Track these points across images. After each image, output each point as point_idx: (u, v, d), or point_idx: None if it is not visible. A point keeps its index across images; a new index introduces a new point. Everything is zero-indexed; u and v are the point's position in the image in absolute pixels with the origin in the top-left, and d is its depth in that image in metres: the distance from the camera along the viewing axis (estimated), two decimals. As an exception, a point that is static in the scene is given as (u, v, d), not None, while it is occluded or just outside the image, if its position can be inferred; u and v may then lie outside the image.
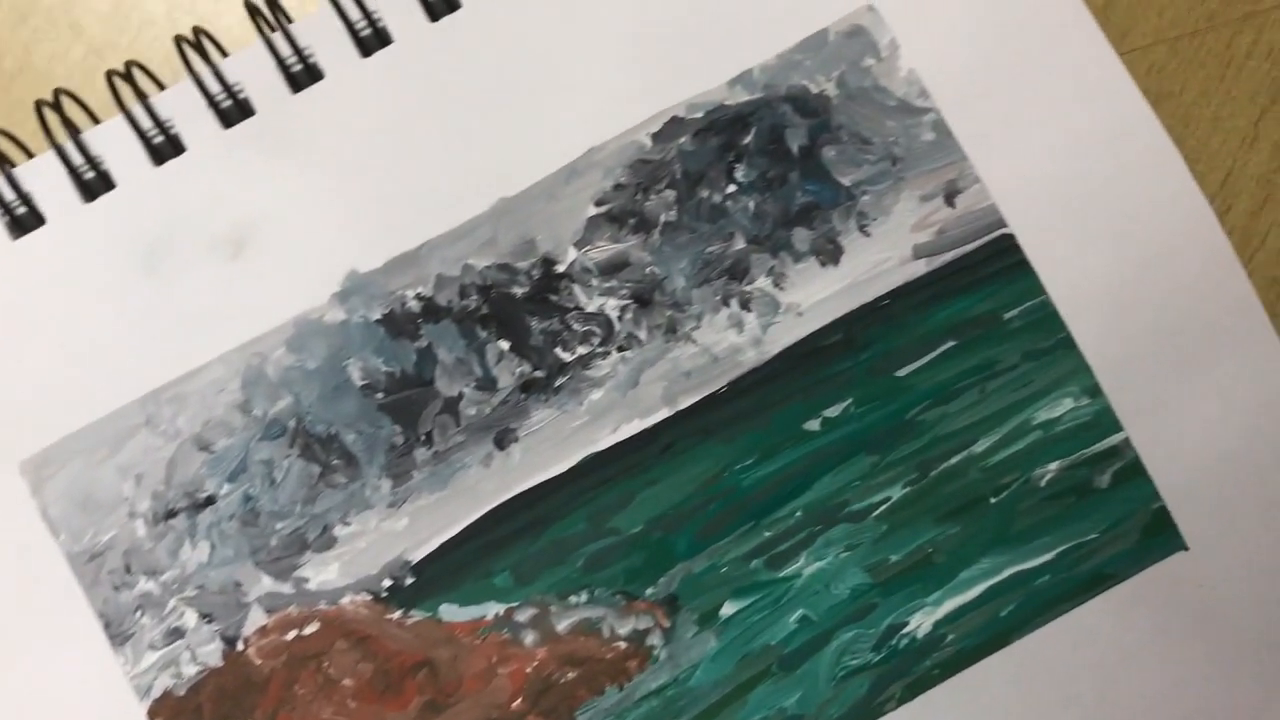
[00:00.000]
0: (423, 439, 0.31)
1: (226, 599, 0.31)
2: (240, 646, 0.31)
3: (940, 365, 0.32)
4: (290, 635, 0.31)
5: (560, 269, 0.32)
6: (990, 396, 0.32)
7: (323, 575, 0.31)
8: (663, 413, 0.31)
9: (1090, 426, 0.32)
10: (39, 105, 0.31)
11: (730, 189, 0.32)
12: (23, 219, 0.31)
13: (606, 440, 0.31)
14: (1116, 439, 0.32)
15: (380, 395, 0.31)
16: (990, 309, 0.32)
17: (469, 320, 0.31)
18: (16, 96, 0.34)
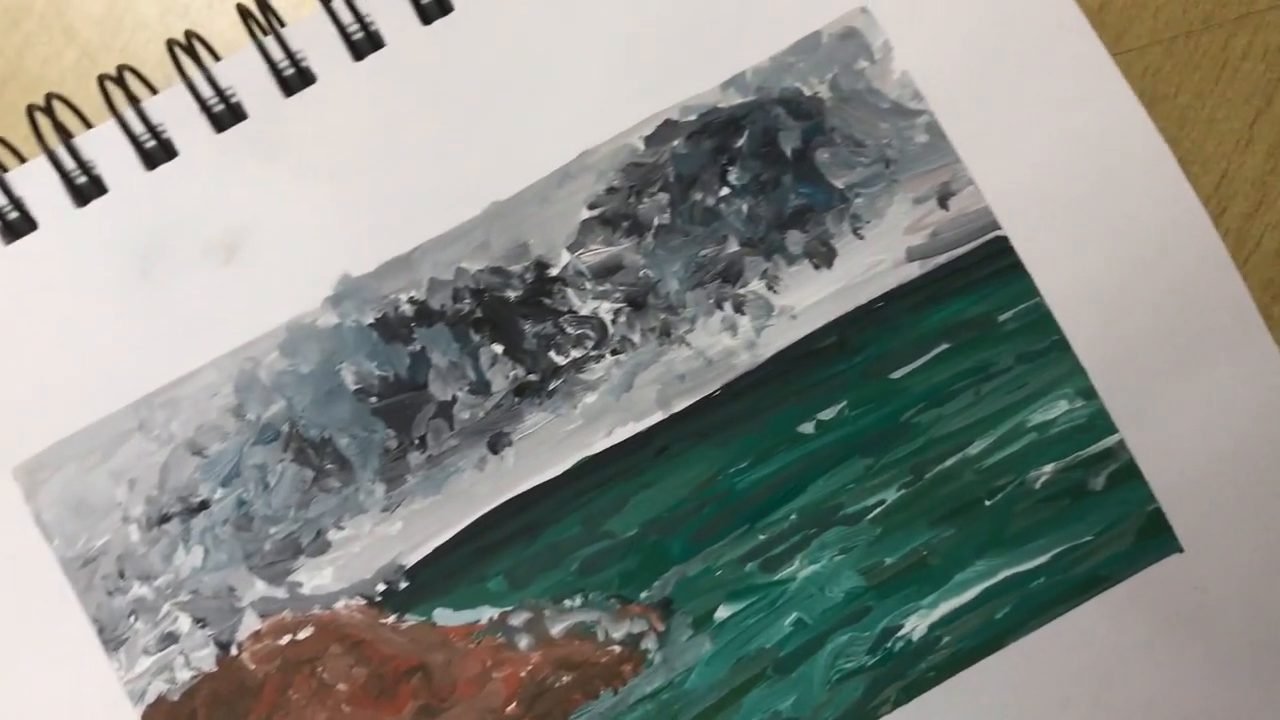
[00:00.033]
0: (416, 443, 0.31)
1: (220, 604, 0.31)
2: (234, 651, 0.30)
3: (934, 368, 0.32)
4: (284, 640, 0.31)
5: (553, 272, 0.31)
6: (985, 399, 0.32)
7: (317, 580, 0.31)
8: (657, 416, 0.31)
9: (1085, 429, 0.31)
10: (31, 110, 0.31)
11: (723, 192, 0.32)
12: (15, 224, 0.31)
13: (600, 444, 0.31)
14: (1111, 441, 0.31)
15: (374, 399, 0.31)
16: (984, 311, 0.32)
17: (462, 324, 0.31)
18: (9, 101, 0.34)
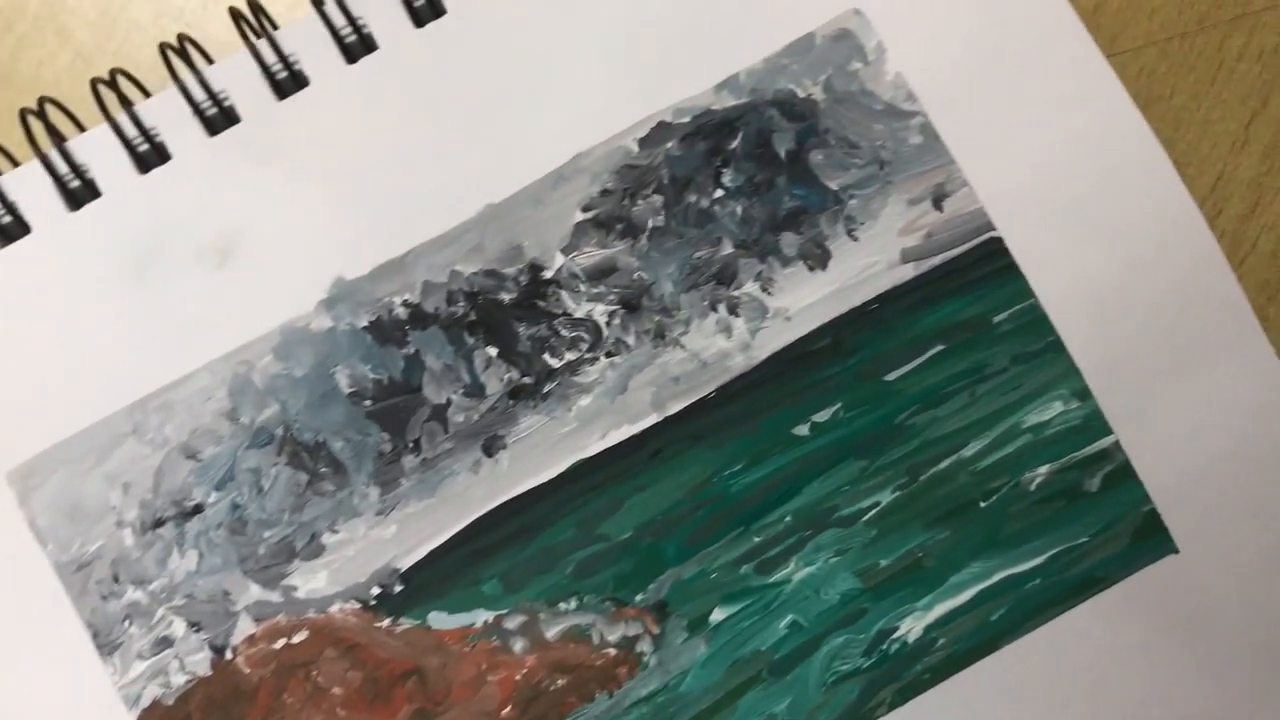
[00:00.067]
0: (411, 446, 0.31)
1: (215, 608, 0.31)
2: (229, 655, 0.30)
3: (929, 369, 0.32)
4: (279, 644, 0.30)
5: (548, 275, 0.31)
6: (979, 400, 0.32)
7: (311, 583, 0.31)
8: (651, 418, 0.31)
9: (1080, 430, 0.31)
10: (23, 113, 0.31)
11: (718, 194, 0.32)
12: (8, 228, 0.31)
13: (595, 446, 0.31)
14: (1106, 442, 0.31)
15: (368, 403, 0.31)
16: (979, 313, 0.32)
17: (456, 327, 0.31)
18: (2, 103, 0.34)
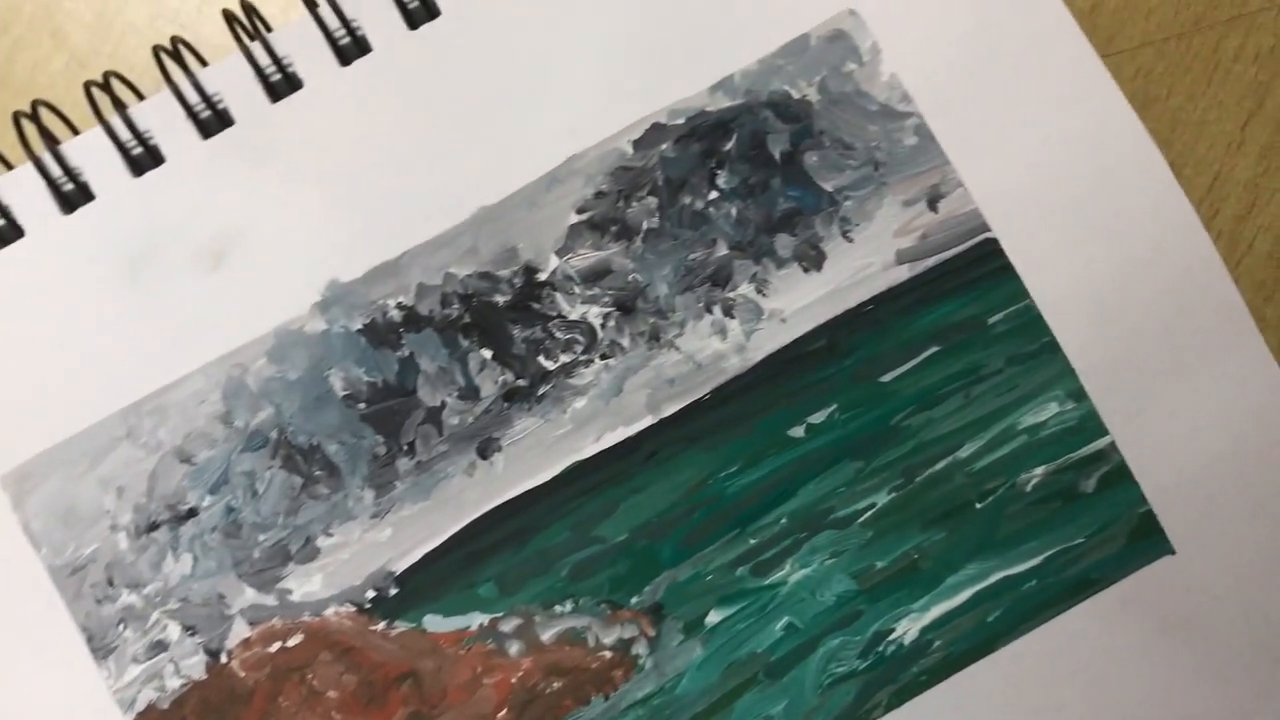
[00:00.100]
0: (405, 449, 0.31)
1: (210, 611, 0.30)
2: (224, 659, 0.30)
3: (924, 370, 0.31)
4: (274, 647, 0.30)
5: (542, 277, 0.31)
6: (975, 401, 0.31)
7: (306, 587, 0.31)
8: (647, 420, 0.31)
9: (1076, 431, 0.31)
10: (16, 117, 0.31)
11: (712, 195, 0.32)
12: (1, 231, 0.31)
13: (590, 449, 0.31)
14: (1102, 443, 0.31)
15: (362, 405, 0.31)
16: (974, 314, 0.32)
17: (451, 329, 0.31)
18: (-3, 107, 0.34)
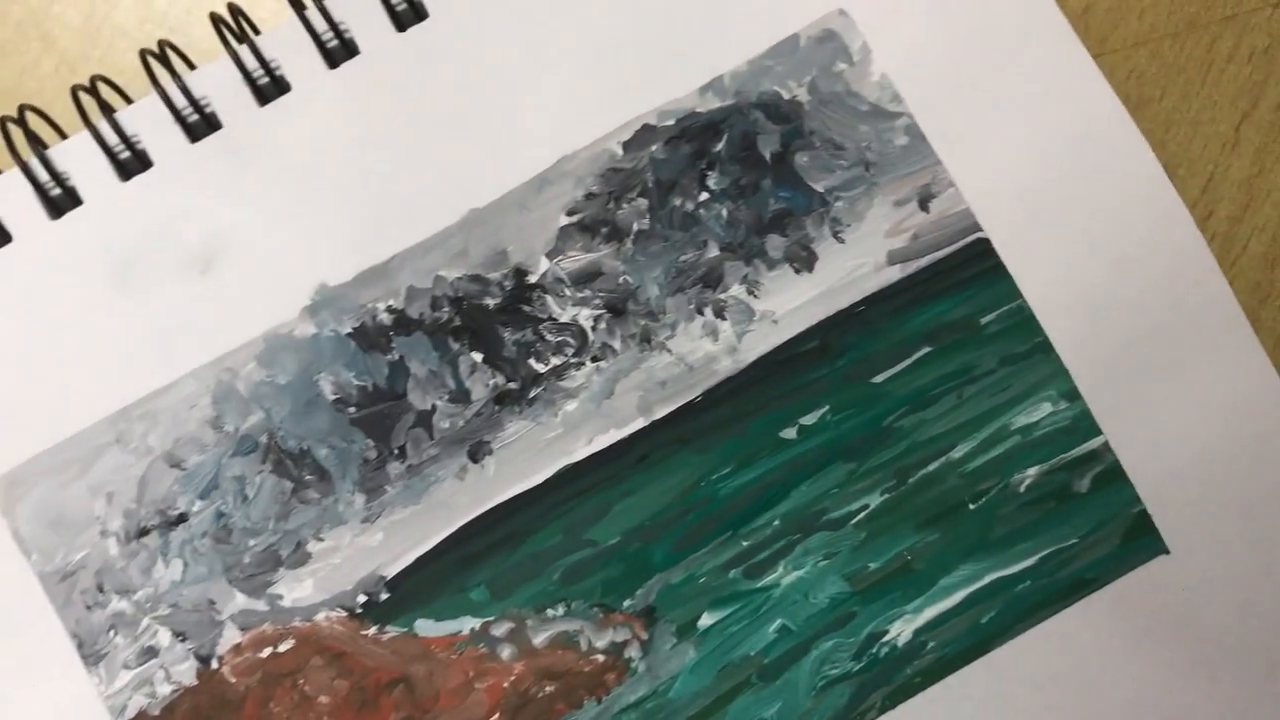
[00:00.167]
0: (396, 453, 0.31)
1: (200, 617, 0.30)
2: (215, 665, 0.30)
3: (917, 371, 0.31)
4: (265, 653, 0.30)
5: (532, 279, 0.31)
6: (968, 402, 0.31)
7: (297, 592, 0.30)
8: (638, 423, 0.31)
9: (1069, 431, 0.31)
10: (4, 121, 0.31)
11: (703, 197, 0.32)
12: (-11, 237, 0.31)
13: (582, 451, 0.31)
14: (1096, 443, 0.31)
15: (352, 409, 0.31)
16: (966, 314, 0.31)
17: (441, 332, 0.31)
18: (-15, 112, 0.34)
